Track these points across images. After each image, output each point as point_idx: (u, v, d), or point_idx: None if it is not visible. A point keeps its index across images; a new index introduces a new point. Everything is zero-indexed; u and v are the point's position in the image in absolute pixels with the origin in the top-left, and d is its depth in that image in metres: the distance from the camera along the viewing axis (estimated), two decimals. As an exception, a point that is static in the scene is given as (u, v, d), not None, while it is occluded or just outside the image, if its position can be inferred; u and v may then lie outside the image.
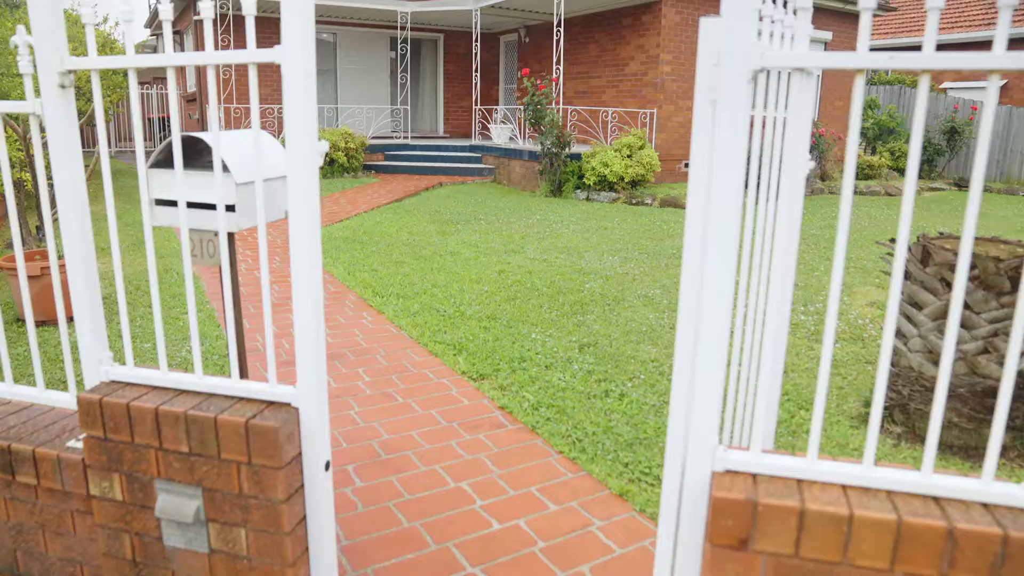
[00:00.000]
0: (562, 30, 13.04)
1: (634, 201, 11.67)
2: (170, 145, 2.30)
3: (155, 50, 22.60)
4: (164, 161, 2.32)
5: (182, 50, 18.85)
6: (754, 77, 1.49)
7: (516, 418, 3.72)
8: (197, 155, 2.34)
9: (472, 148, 15.54)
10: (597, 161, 11.82)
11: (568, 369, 4.35)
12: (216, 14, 14.91)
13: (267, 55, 1.78)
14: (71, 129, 2.04)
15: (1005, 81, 20.51)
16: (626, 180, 11.78)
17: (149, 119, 21.51)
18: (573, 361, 4.48)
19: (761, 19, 1.70)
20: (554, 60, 13.35)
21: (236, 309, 2.54)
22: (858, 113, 1.46)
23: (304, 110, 1.77)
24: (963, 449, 3.38)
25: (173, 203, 2.32)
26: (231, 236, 2.43)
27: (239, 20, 15.52)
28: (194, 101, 17.11)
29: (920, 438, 3.51)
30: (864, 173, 16.25)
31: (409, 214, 9.90)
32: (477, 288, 6.06)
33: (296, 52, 1.75)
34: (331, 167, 14.07)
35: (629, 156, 11.85)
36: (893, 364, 3.70)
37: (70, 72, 1.99)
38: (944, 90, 21.67)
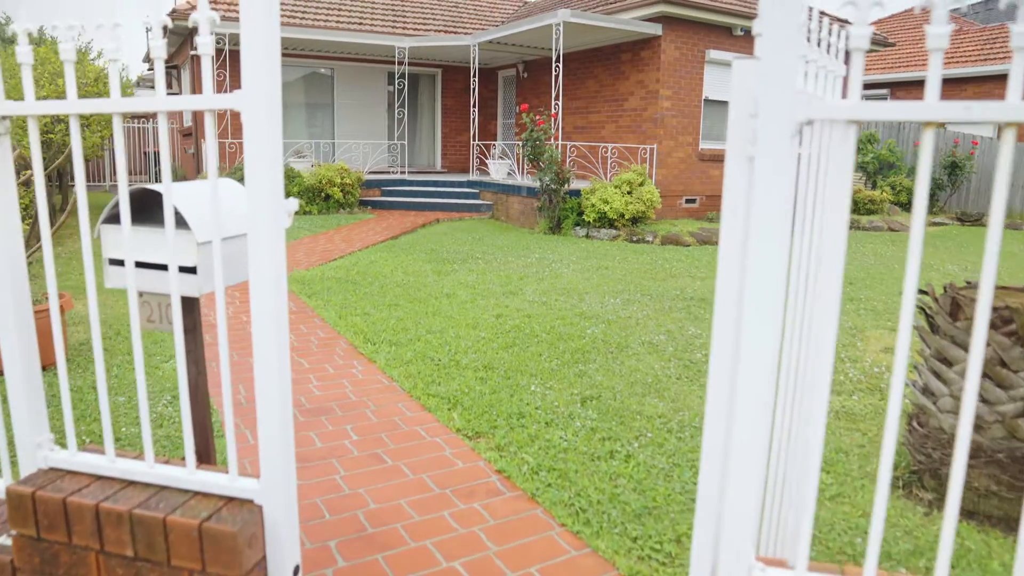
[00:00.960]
0: (561, 65, 12.93)
1: (635, 238, 11.45)
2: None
3: (152, 84, 22.53)
4: (119, 216, 2.07)
5: (179, 85, 18.77)
6: (799, 130, 1.25)
7: (515, 484, 3.44)
8: (157, 208, 2.09)
9: (470, 184, 15.37)
10: (597, 198, 11.62)
11: (570, 426, 4.07)
12: (212, 49, 14.80)
13: (226, 101, 1.54)
14: (6, 181, 1.79)
15: (1004, 116, 20.39)
16: (626, 217, 11.57)
17: (145, 153, 21.38)
18: (575, 417, 4.20)
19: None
20: (553, 95, 13.23)
21: (197, 387, 2.27)
22: (927, 169, 1.21)
23: (268, 164, 1.52)
24: (1003, 520, 3.10)
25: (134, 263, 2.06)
26: (195, 301, 2.17)
27: (233, 55, 15.43)
28: (190, 135, 16.98)
29: (954, 507, 3.23)
30: (866, 208, 16.08)
31: (405, 252, 9.66)
32: (473, 334, 5.79)
33: (259, 99, 1.50)
34: (327, 203, 13.86)
35: (629, 192, 11.66)
36: (921, 425, 3.43)
37: (4, 118, 1.74)
38: (943, 124, 21.52)
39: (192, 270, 1.96)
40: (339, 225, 12.27)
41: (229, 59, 15.23)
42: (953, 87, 21.79)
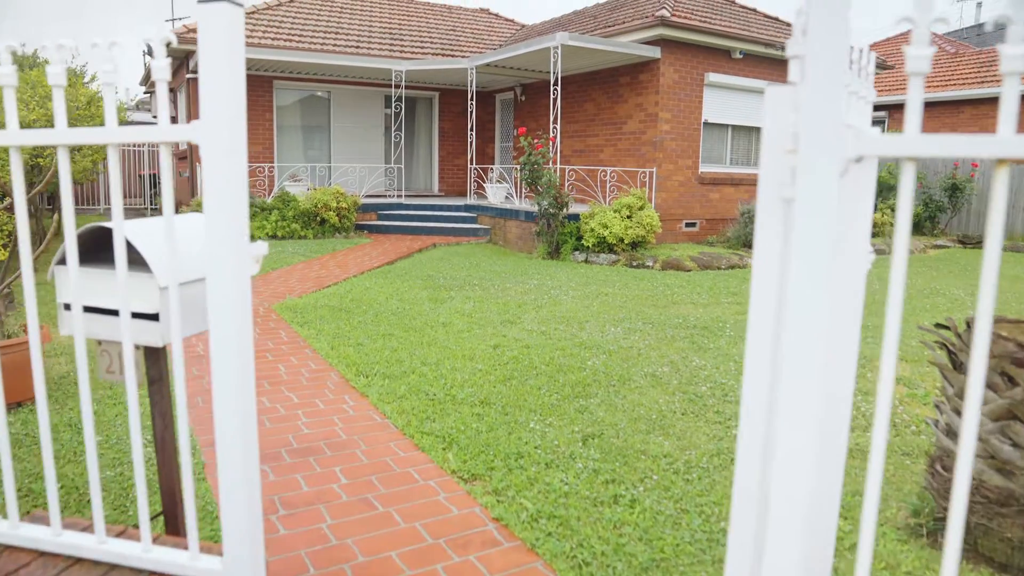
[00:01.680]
0: (559, 88, 12.82)
1: (635, 263, 11.27)
2: (84, 236, 1.86)
3: (149, 108, 22.45)
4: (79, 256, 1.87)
5: (175, 109, 18.66)
6: (847, 169, 1.06)
7: (513, 532, 3.22)
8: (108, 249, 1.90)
9: (467, 208, 15.21)
10: (596, 222, 11.46)
11: (571, 468, 3.86)
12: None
13: (182, 133, 1.35)
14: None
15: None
16: (626, 242, 11.40)
17: (140, 176, 21.24)
18: (576, 457, 3.99)
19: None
20: (551, 119, 13.11)
21: (164, 443, 2.06)
22: (1001, 211, 1.03)
23: (230, 203, 1.32)
24: (1037, 575, 2.89)
25: (92, 308, 1.86)
26: (159, 351, 1.97)
27: (231, 79, 15.30)
28: (185, 159, 16.85)
29: (985, 557, 3.02)
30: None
31: (400, 279, 9.47)
32: (470, 366, 5.58)
33: (219, 130, 1.31)
34: (322, 227, 13.69)
35: (629, 217, 11.50)
36: (946, 468, 3.22)
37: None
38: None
39: (154, 317, 1.77)
40: (334, 250, 12.09)
41: (225, 83, 15.07)
42: (951, 109, 21.78)
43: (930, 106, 22.34)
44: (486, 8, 22.70)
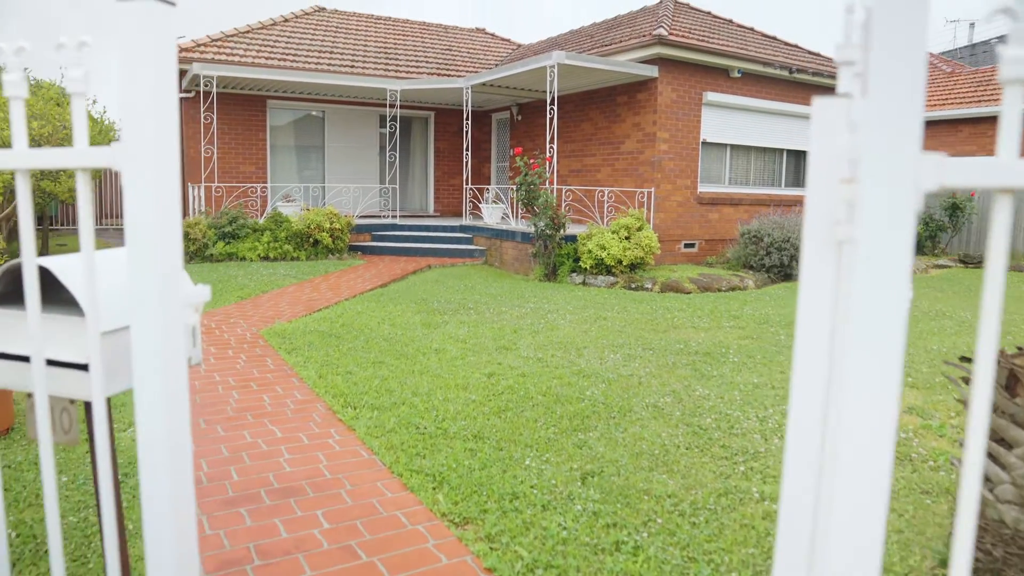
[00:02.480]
0: (555, 108, 12.65)
1: (633, 285, 11.05)
2: (9, 274, 1.62)
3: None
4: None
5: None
6: (922, 204, 0.83)
7: (507, 586, 2.97)
8: (51, 288, 1.66)
9: (463, 228, 15.01)
10: (594, 243, 11.25)
11: (569, 510, 3.61)
12: (200, 90, 14.57)
13: (100, 157, 1.12)
14: None
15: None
16: (624, 263, 11.18)
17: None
18: (575, 498, 3.74)
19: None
20: (547, 138, 12.93)
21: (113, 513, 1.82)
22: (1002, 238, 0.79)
23: (158, 241, 1.09)
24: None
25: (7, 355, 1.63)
26: (89, 405, 1.73)
27: (222, 97, 15.16)
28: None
29: (1019, 616, 2.76)
30: (867, 251, 15.74)
31: (393, 302, 9.23)
32: (463, 396, 5.34)
33: (145, 153, 1.08)
34: (315, 248, 13.47)
35: (627, 238, 11.29)
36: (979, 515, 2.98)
37: None
38: None
39: (84, 367, 1.53)
40: (327, 272, 11.85)
41: (217, 101, 14.95)
42: (949, 128, 21.71)
43: (929, 124, 22.24)
44: (482, 28, 22.63)
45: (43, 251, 13.48)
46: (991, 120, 20.52)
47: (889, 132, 0.80)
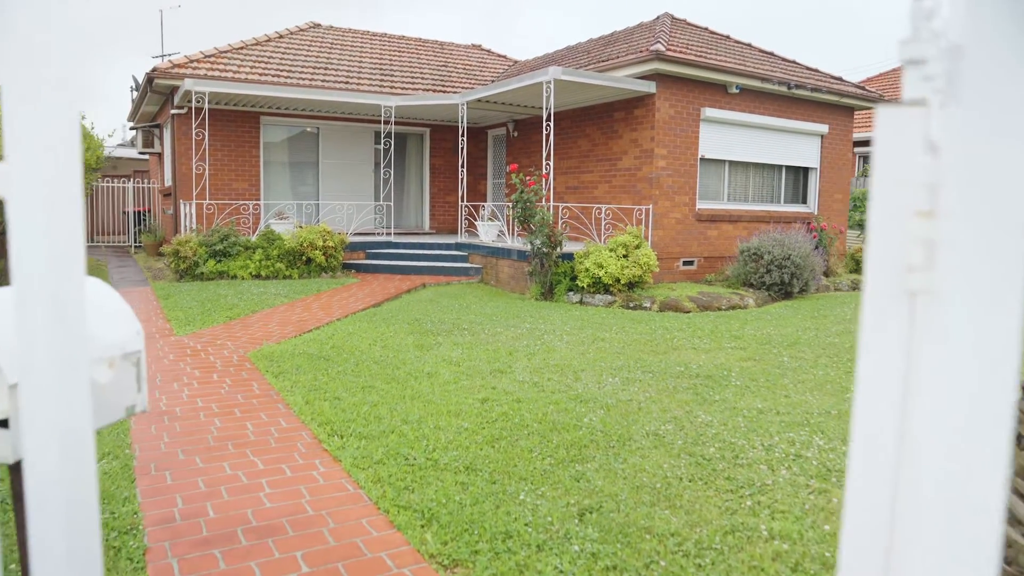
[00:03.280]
0: (552, 124, 12.49)
1: (631, 304, 10.84)
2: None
3: (133, 143, 22.06)
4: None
5: (161, 144, 18.33)
6: None
7: (498, 640, 2.74)
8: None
9: (458, 246, 14.81)
10: (591, 262, 11.05)
11: (566, 551, 3.38)
12: (191, 107, 14.40)
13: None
14: None
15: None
16: (622, 282, 10.98)
17: (125, 212, 20.85)
18: (572, 537, 3.51)
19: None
20: (544, 155, 12.77)
21: None
22: None
23: (52, 286, 0.88)
24: None
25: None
26: (14, 466, 1.51)
27: (215, 113, 15.01)
28: (170, 195, 16.45)
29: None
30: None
31: (386, 322, 9.01)
32: (455, 424, 5.11)
33: (33, 176, 0.87)
34: (308, 266, 13.26)
35: (625, 256, 11.09)
36: (1008, 562, 2.76)
37: None
38: None
39: (4, 423, 1.31)
40: (319, 291, 11.63)
41: (210, 118, 14.79)
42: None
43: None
44: (478, 44, 22.54)
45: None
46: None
47: (988, 152, 0.60)
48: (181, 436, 4.90)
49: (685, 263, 13.46)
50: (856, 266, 15.79)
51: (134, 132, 23.08)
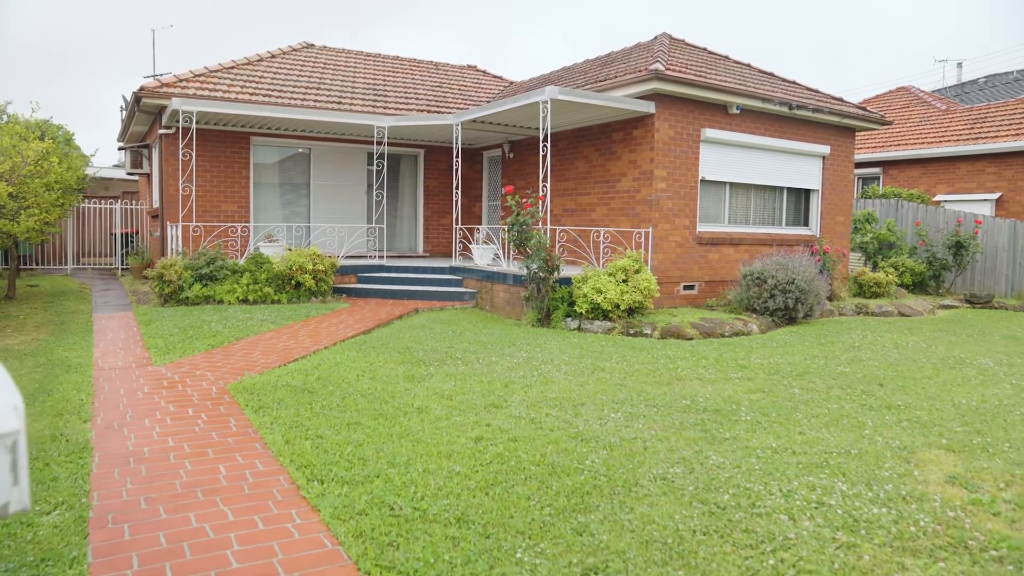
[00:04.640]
0: (548, 145, 12.16)
1: (632, 331, 10.44)
2: None
3: (122, 165, 21.69)
4: None
5: (149, 164, 17.96)
6: None
7: None
8: None
9: (452, 270, 14.42)
10: (589, 287, 10.66)
11: (570, 624, 2.96)
12: (179, 127, 14.06)
13: None
14: None
15: (1000, 194, 19.92)
16: (622, 307, 10.59)
17: (112, 234, 20.44)
18: (576, 607, 3.10)
19: None
20: (540, 176, 12.42)
21: None
22: None
23: None
24: None
25: None
26: None
27: (204, 134, 14.67)
28: (158, 217, 16.06)
29: None
30: (872, 291, 15.25)
31: (376, 351, 8.60)
32: (446, 467, 4.70)
33: None
34: (297, 291, 12.85)
35: (624, 280, 10.71)
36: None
37: None
38: (938, 203, 21.07)
39: None
40: (308, 316, 11.22)
41: (199, 138, 14.44)
42: (947, 165, 21.41)
43: (927, 162, 21.95)
44: (473, 65, 22.29)
45: (10, 293, 12.81)
46: (989, 157, 20.23)
47: None
48: (146, 481, 4.48)
49: (686, 287, 13.09)
50: (860, 290, 15.44)
51: (123, 152, 22.75)
